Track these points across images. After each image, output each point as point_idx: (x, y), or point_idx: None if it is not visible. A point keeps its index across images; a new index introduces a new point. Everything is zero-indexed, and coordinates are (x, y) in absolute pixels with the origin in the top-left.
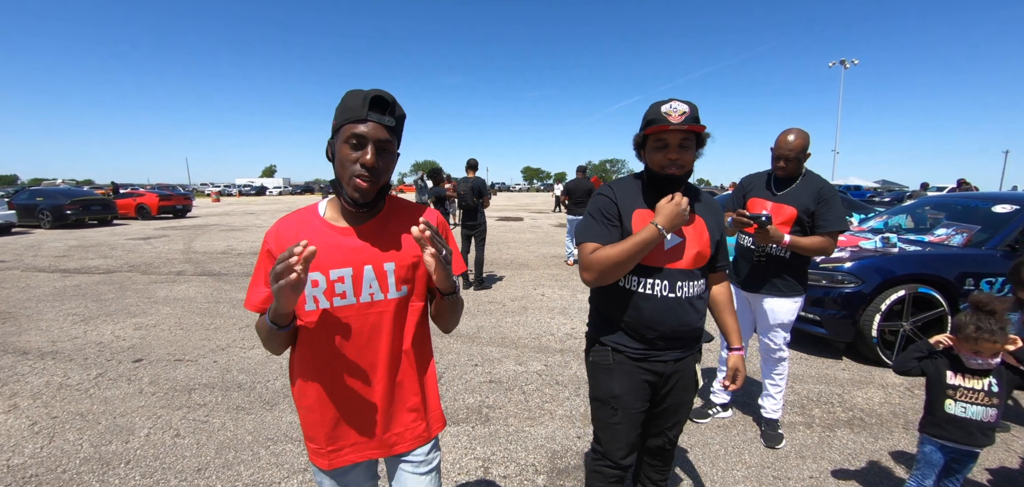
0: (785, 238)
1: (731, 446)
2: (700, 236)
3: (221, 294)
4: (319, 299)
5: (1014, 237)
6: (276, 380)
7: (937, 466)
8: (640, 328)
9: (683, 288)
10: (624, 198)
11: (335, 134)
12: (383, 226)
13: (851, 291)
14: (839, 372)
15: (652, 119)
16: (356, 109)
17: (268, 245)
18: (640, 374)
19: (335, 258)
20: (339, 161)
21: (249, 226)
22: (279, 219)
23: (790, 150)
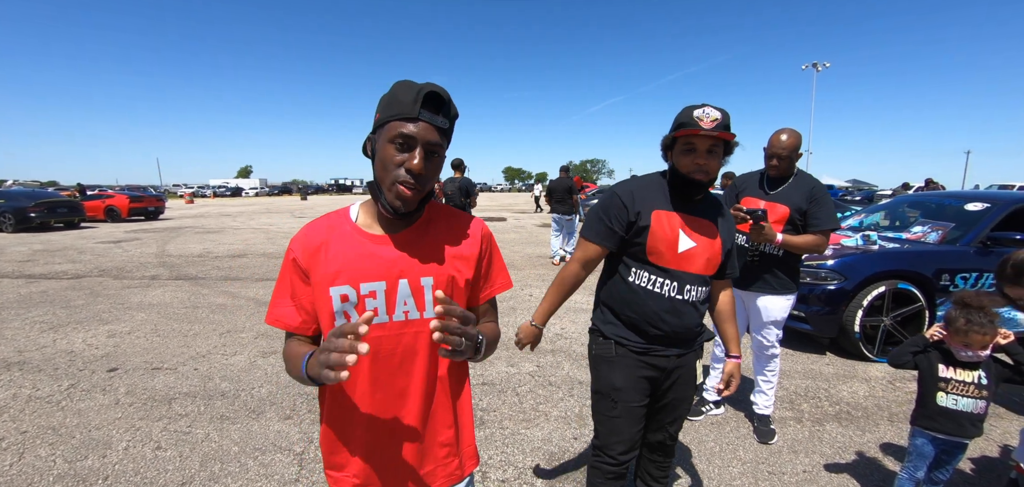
0: (778, 237)
1: (726, 443)
2: (713, 244)
3: (199, 299)
4: (350, 314)
5: (986, 234)
6: (261, 387)
7: (928, 457)
8: (644, 324)
9: (691, 291)
10: (644, 198)
11: (378, 130)
12: (421, 235)
13: (834, 288)
14: (824, 367)
15: (683, 122)
16: (407, 105)
17: (293, 253)
18: (641, 369)
19: (367, 270)
20: (380, 161)
21: (225, 228)
22: (307, 224)
23: (783, 149)
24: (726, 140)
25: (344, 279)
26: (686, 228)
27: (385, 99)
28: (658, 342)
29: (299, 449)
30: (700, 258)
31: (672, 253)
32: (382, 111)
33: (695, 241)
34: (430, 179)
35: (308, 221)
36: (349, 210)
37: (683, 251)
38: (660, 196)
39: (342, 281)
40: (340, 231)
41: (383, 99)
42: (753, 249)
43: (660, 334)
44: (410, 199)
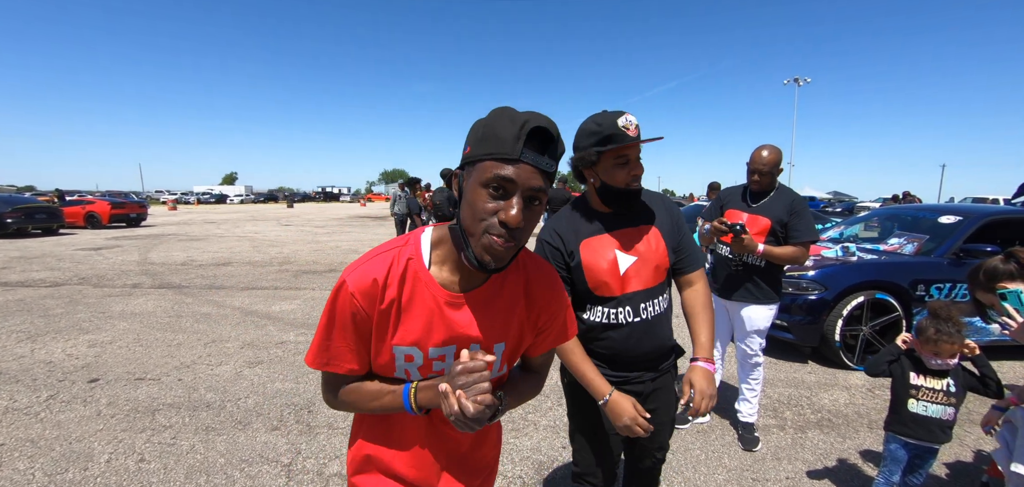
0: (759, 247)
1: (711, 451)
2: (656, 248)
3: (183, 307)
4: (411, 373)
5: (958, 246)
6: (247, 398)
7: (902, 462)
8: (613, 357)
9: (647, 309)
10: (569, 233)
11: (467, 167)
12: (498, 291)
13: (815, 298)
14: (806, 375)
15: (612, 135)
16: (507, 142)
17: (354, 299)
18: None
19: (437, 332)
20: (469, 205)
21: (210, 236)
22: (369, 262)
23: (764, 165)
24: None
25: (412, 339)
26: (620, 245)
27: (479, 130)
28: (629, 369)
29: (286, 460)
30: (646, 269)
31: (616, 279)
32: (474, 145)
33: (636, 255)
34: (528, 231)
35: (374, 252)
36: (419, 246)
37: (627, 270)
38: (585, 224)
39: (409, 342)
40: (412, 281)
41: (476, 128)
42: (736, 261)
43: (629, 362)
44: (502, 255)
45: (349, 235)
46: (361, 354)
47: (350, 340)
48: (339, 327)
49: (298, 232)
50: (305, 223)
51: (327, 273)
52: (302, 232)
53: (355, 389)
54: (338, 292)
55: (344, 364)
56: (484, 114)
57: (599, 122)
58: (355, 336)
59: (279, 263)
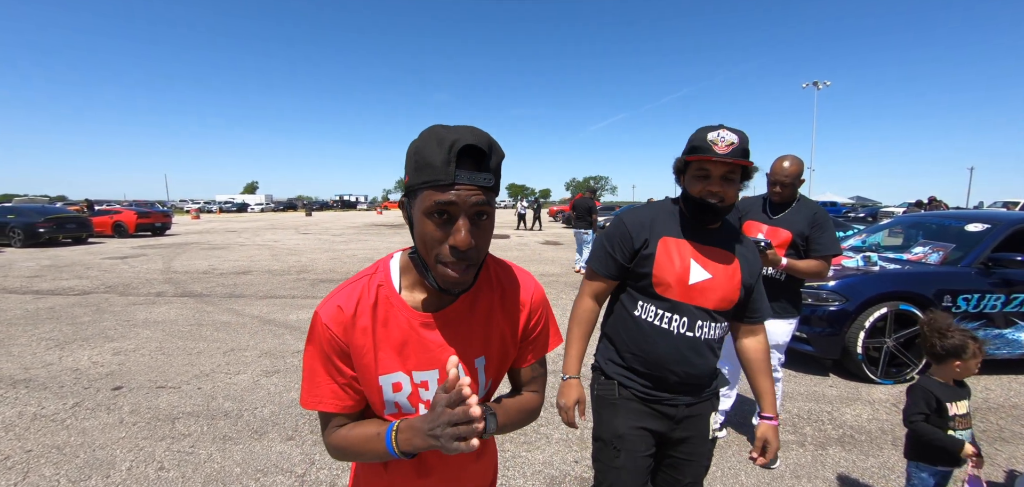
0: (782, 261)
1: (728, 467)
2: (731, 278)
3: (203, 316)
4: (401, 404)
5: (986, 254)
6: (264, 407)
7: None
8: (650, 365)
9: (703, 328)
10: (652, 225)
11: (410, 196)
12: (471, 306)
13: (836, 309)
14: (827, 389)
15: (697, 146)
16: (438, 168)
17: (328, 332)
18: (647, 417)
19: (420, 356)
20: (420, 237)
21: (231, 244)
22: (339, 293)
23: (786, 176)
24: (744, 166)
25: (395, 366)
26: (699, 257)
27: (412, 156)
28: (666, 389)
29: (300, 471)
30: (715, 292)
31: (681, 285)
32: (411, 173)
33: (710, 272)
34: (483, 248)
35: (343, 285)
36: (389, 272)
37: (694, 283)
38: (670, 223)
39: (393, 369)
40: (385, 308)
41: (410, 157)
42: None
43: (669, 378)
44: (460, 280)
45: (366, 244)
46: (351, 389)
47: (334, 374)
48: (321, 362)
49: (316, 240)
50: (323, 231)
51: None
52: (320, 240)
53: (345, 435)
54: (313, 327)
55: (336, 401)
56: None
57: (699, 132)
58: (337, 370)
59: (297, 272)
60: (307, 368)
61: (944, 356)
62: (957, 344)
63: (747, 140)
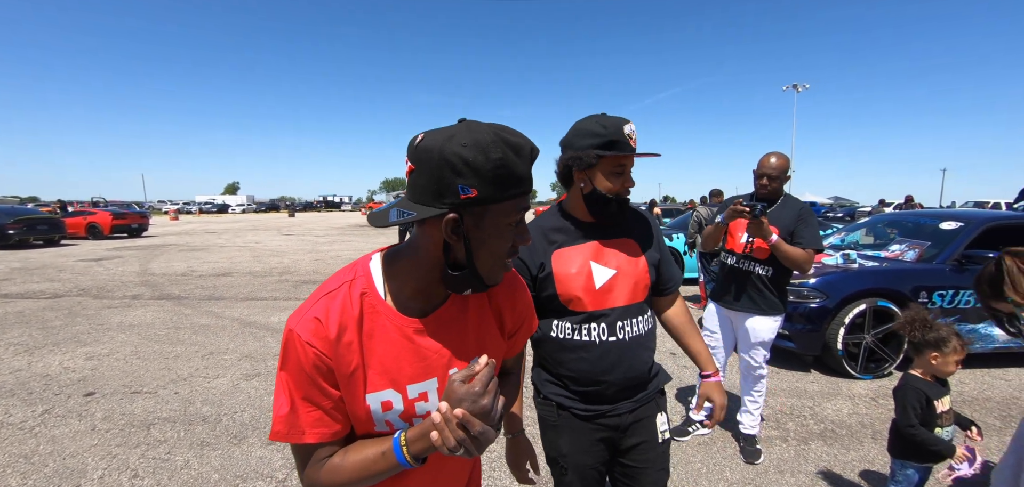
0: (773, 236)
1: (713, 463)
2: (636, 264)
3: (182, 319)
4: (393, 423)
5: (960, 252)
6: (244, 412)
7: (916, 483)
8: (583, 381)
9: (625, 328)
10: (540, 243)
11: (475, 207)
12: (462, 306)
13: (817, 306)
14: (809, 384)
15: (616, 141)
16: (525, 180)
17: (310, 347)
18: (592, 432)
19: (414, 367)
20: (490, 250)
21: (211, 246)
22: (315, 305)
23: (773, 170)
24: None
25: (386, 382)
26: (598, 257)
27: (487, 173)
28: (605, 401)
29: (281, 477)
30: (625, 285)
31: (590, 293)
32: (486, 188)
33: (614, 268)
34: None
35: (314, 296)
36: (371, 277)
37: (602, 285)
38: (558, 233)
39: (384, 385)
40: (371, 317)
41: (479, 169)
42: (748, 254)
43: (606, 390)
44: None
45: (350, 244)
46: (338, 412)
47: (319, 397)
48: (301, 386)
49: (299, 241)
50: (306, 232)
51: None
52: (303, 241)
53: (338, 467)
54: (288, 346)
55: (320, 428)
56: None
57: (604, 125)
58: (322, 393)
59: (279, 273)
60: (282, 395)
61: (925, 347)
62: (942, 337)
63: None
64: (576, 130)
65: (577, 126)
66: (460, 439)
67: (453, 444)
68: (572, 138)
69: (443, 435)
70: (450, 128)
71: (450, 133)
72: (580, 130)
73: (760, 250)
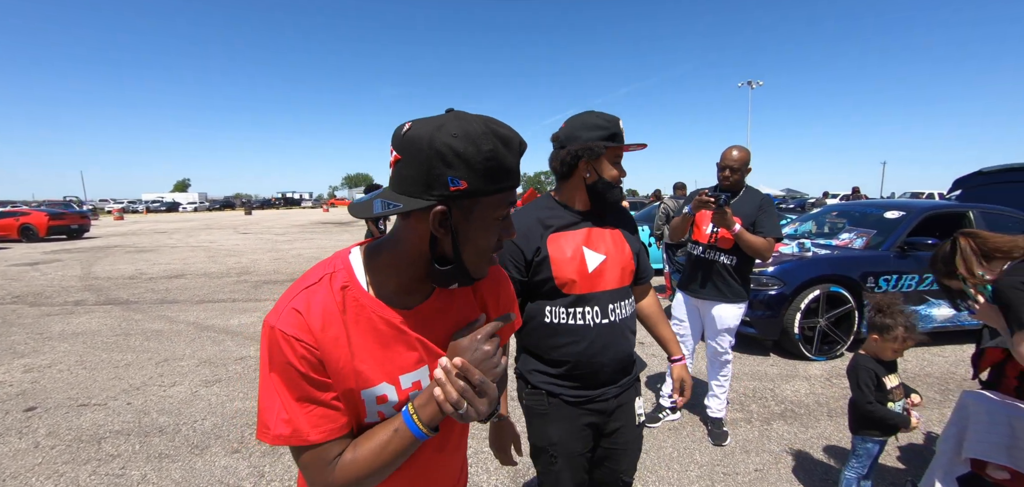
0: (736, 226)
1: (683, 447)
2: (622, 250)
3: (132, 325)
4: (385, 414)
5: (903, 239)
6: (205, 420)
7: (875, 455)
8: (578, 365)
9: (616, 311)
10: (535, 228)
11: (464, 200)
12: (448, 300)
13: (775, 293)
14: (769, 368)
15: (616, 134)
16: (513, 173)
17: (297, 343)
18: (580, 417)
19: (402, 356)
20: (475, 245)
21: (161, 246)
22: (292, 298)
23: (735, 162)
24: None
25: (380, 376)
26: (589, 242)
27: (478, 162)
28: (596, 384)
29: (249, 485)
30: (614, 270)
31: (583, 276)
32: (476, 181)
33: (603, 253)
34: None
35: (292, 291)
36: (351, 270)
37: (594, 269)
38: (553, 219)
39: (378, 379)
40: (354, 311)
41: (470, 159)
42: (713, 244)
43: (600, 373)
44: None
45: (312, 242)
46: (339, 404)
47: (316, 392)
48: (293, 384)
49: (257, 240)
50: (264, 230)
51: (289, 283)
52: (261, 240)
53: (352, 461)
54: (272, 345)
55: (326, 424)
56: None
57: (606, 119)
58: (318, 386)
59: (237, 273)
60: (274, 399)
61: (872, 328)
62: (887, 324)
63: None
64: (579, 124)
65: (578, 121)
66: (462, 390)
67: (455, 397)
68: (576, 132)
69: (445, 390)
70: (439, 118)
71: (439, 123)
72: (584, 124)
73: (724, 240)
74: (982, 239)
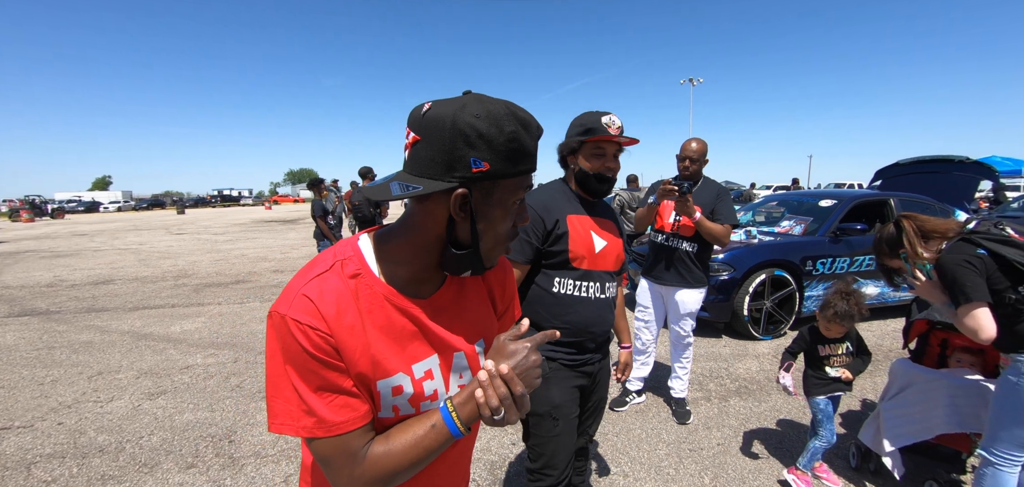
0: (696, 213)
1: (650, 428)
2: (617, 240)
3: (55, 337)
4: (400, 407)
5: (835, 225)
6: (152, 435)
7: (832, 416)
8: (575, 332)
9: (609, 289)
10: (557, 205)
11: (483, 183)
12: (460, 287)
13: (727, 278)
14: (722, 349)
15: (593, 128)
16: (532, 157)
17: (316, 328)
18: (574, 379)
19: (417, 346)
20: (493, 229)
21: (82, 250)
22: (301, 285)
23: (694, 153)
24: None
25: (396, 366)
26: (595, 228)
27: (500, 143)
28: (588, 351)
29: None
30: (611, 255)
31: (591, 255)
32: (498, 163)
33: (605, 239)
34: None
35: (301, 278)
36: (363, 258)
37: (599, 251)
38: (570, 202)
39: (394, 370)
40: (368, 299)
41: (492, 141)
42: (673, 237)
43: (588, 342)
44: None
45: (255, 241)
46: (360, 390)
47: (336, 379)
48: (311, 375)
49: (194, 241)
50: (201, 230)
51: (234, 285)
52: (199, 241)
53: (385, 454)
54: (283, 336)
55: (348, 412)
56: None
57: (586, 117)
58: (337, 372)
59: (174, 277)
60: (289, 394)
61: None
62: (825, 302)
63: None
64: (570, 125)
65: (571, 122)
66: (503, 396)
67: (495, 403)
68: (568, 131)
69: (487, 394)
70: (459, 99)
71: (461, 103)
72: (572, 124)
73: (686, 228)
74: (921, 221)
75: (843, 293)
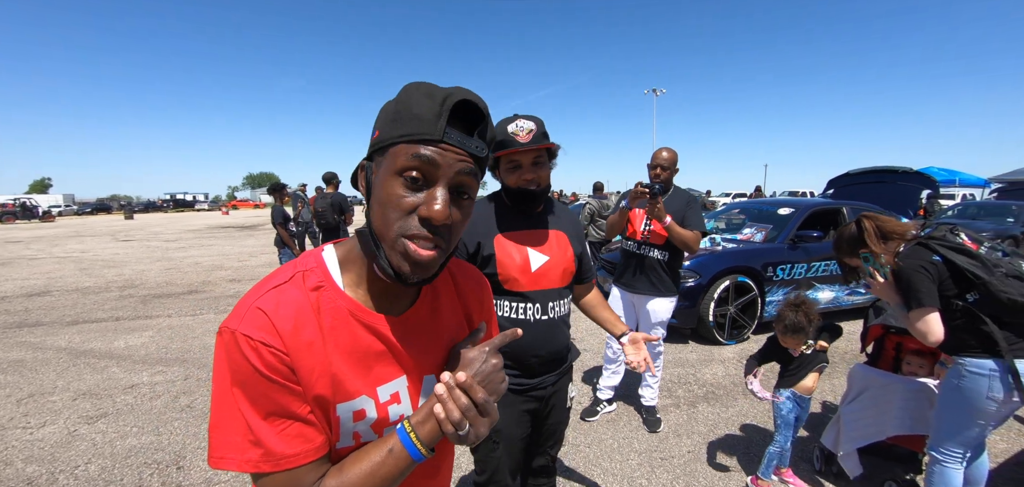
0: (667, 219)
1: (622, 437)
2: (565, 252)
3: None
4: (362, 434)
5: (793, 233)
6: (89, 463)
7: (792, 423)
8: (515, 357)
9: (555, 308)
10: (480, 228)
11: (376, 155)
12: (435, 302)
13: (693, 285)
14: (689, 355)
15: (501, 141)
16: (426, 121)
17: (270, 346)
18: (521, 403)
19: (384, 367)
20: (380, 203)
21: (15, 259)
22: (257, 298)
23: (664, 161)
24: (548, 148)
25: (358, 388)
26: (532, 243)
27: (390, 110)
28: (534, 374)
29: None
30: (555, 271)
31: (526, 275)
32: (385, 127)
33: (546, 254)
34: (457, 234)
35: (256, 291)
36: (326, 269)
37: (537, 269)
38: (502, 220)
39: (355, 393)
40: (330, 314)
41: (387, 109)
42: (643, 245)
43: (533, 364)
44: (427, 263)
45: (210, 249)
46: (316, 418)
47: (289, 404)
48: (261, 398)
49: (143, 248)
50: (151, 237)
51: (186, 295)
52: (148, 248)
53: (339, 479)
54: (231, 354)
55: (301, 445)
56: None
57: (497, 127)
58: (291, 396)
59: (119, 287)
60: (236, 419)
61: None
62: (778, 316)
63: (543, 123)
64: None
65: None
66: (465, 407)
67: (457, 416)
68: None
69: (447, 407)
70: None
71: None
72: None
73: (657, 235)
74: (881, 222)
75: (793, 304)
